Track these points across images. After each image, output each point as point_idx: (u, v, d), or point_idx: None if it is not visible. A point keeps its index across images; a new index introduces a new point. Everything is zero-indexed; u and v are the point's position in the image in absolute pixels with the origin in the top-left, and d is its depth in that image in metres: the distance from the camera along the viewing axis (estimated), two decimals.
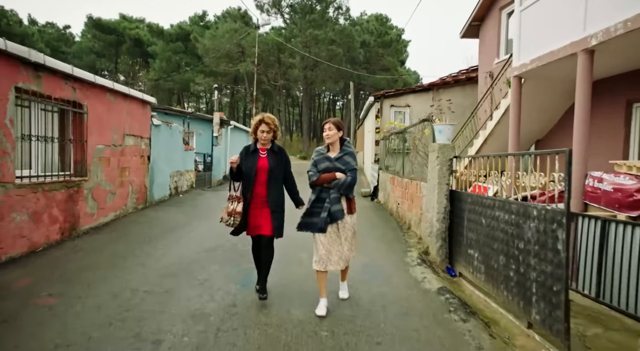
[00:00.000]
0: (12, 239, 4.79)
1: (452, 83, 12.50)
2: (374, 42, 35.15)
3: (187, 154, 12.10)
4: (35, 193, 5.20)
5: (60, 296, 3.86)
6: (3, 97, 4.59)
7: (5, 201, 4.66)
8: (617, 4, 4.75)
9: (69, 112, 6.07)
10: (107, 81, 6.99)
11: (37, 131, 5.34)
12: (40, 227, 5.32)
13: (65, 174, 6.03)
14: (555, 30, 5.92)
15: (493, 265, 4.09)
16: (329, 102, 59.05)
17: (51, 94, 5.46)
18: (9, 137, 4.69)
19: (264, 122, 3.77)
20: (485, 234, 4.32)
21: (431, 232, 5.70)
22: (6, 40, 4.44)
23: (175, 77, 36.32)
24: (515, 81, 6.94)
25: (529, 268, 3.47)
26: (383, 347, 3.08)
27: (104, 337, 3.09)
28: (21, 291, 3.95)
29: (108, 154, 7.10)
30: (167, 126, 10.32)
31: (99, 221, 6.88)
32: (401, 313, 3.76)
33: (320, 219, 3.53)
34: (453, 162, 5.51)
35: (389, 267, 5.31)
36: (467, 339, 3.31)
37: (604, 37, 4.90)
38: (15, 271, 4.47)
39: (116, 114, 7.35)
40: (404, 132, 8.89)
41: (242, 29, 31.21)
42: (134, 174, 8.20)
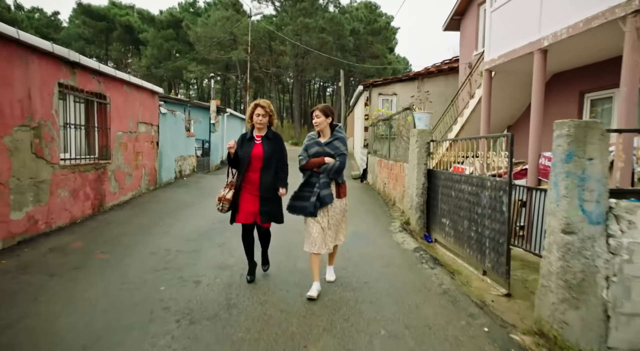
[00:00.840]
0: (59, 211, 5.68)
1: (435, 73, 13.44)
2: (364, 30, 35.82)
3: (188, 140, 12.93)
4: (74, 173, 6.08)
5: (110, 253, 4.81)
6: (50, 91, 5.42)
7: (53, 179, 5.54)
8: (563, 12, 5.71)
9: (94, 103, 6.89)
10: (125, 74, 7.80)
11: (71, 120, 6.18)
12: (78, 202, 6.21)
13: (93, 157, 6.88)
14: (517, 30, 6.88)
15: (459, 229, 5.11)
16: (320, 89, 59.59)
17: (83, 87, 6.28)
18: (55, 126, 5.54)
19: (260, 106, 3.82)
20: (454, 204, 5.33)
21: (411, 206, 6.73)
22: (54, 44, 5.25)
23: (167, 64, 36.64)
24: (486, 74, 7.92)
25: (484, 228, 4.48)
26: (369, 284, 4.09)
27: (156, 279, 4.05)
28: (79, 249, 4.88)
29: (125, 140, 7.94)
30: (172, 114, 11.13)
31: (120, 199, 7.77)
32: (383, 265, 4.78)
33: (310, 204, 3.58)
34: (430, 145, 6.50)
35: (375, 234, 6.33)
36: (432, 279, 4.34)
37: (553, 39, 5.88)
38: (67, 236, 5.39)
39: (131, 104, 8.17)
40: (389, 120, 9.85)
41: (234, 16, 31.62)
42: (146, 158, 9.05)
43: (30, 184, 5.06)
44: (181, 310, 3.35)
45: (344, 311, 3.40)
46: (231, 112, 18.63)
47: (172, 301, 3.49)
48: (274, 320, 3.20)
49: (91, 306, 3.37)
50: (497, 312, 3.53)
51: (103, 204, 7.05)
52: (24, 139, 4.93)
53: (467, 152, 6.79)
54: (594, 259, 2.88)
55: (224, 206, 3.84)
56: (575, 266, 2.90)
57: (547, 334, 3.05)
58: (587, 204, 2.89)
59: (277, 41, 33.65)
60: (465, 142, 5.76)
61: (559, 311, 2.96)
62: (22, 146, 4.91)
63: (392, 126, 9.41)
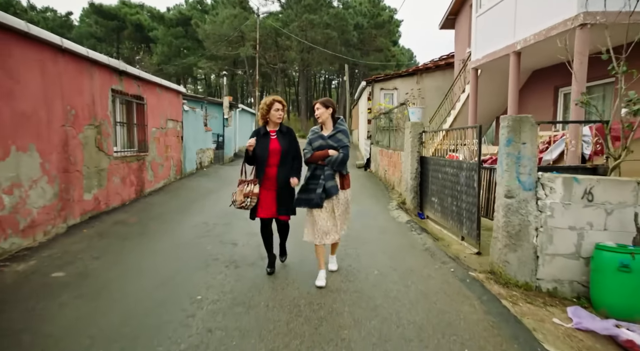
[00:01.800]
0: (113, 194, 6.91)
1: (433, 68, 14.44)
2: (367, 24, 36.65)
3: (207, 134, 14.13)
4: (123, 163, 7.29)
5: (161, 226, 6.02)
6: (105, 96, 6.61)
7: (109, 168, 6.76)
8: (531, 21, 6.75)
9: (134, 104, 8.07)
10: (157, 78, 8.97)
11: (119, 119, 7.38)
12: (126, 187, 7.43)
13: (135, 150, 8.09)
14: (497, 34, 7.93)
15: (445, 205, 6.23)
16: (325, 82, 60.46)
17: (127, 91, 7.47)
18: (109, 124, 6.74)
19: (277, 101, 3.88)
20: (441, 185, 6.45)
21: (407, 188, 7.85)
22: (110, 58, 6.43)
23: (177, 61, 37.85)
24: (473, 72, 8.97)
25: (462, 202, 5.59)
26: (367, 244, 5.25)
27: (202, 242, 5.25)
28: (136, 223, 6.11)
29: (158, 135, 9.14)
30: (193, 111, 12.31)
31: (155, 187, 8.99)
32: (380, 232, 5.94)
33: (316, 195, 3.65)
34: (422, 136, 7.60)
35: (375, 211, 7.48)
36: (418, 241, 5.50)
37: (524, 43, 6.93)
38: (122, 214, 6.63)
39: (162, 103, 9.35)
40: (389, 113, 10.94)
41: (241, 14, 32.66)
42: (173, 151, 10.26)
43: (95, 172, 6.27)
44: (227, 260, 4.54)
45: (347, 261, 4.56)
46: (242, 107, 19.79)
47: (220, 255, 4.69)
48: (295, 262, 4.39)
49: (162, 256, 4.59)
50: (465, 262, 4.68)
51: (143, 190, 8.27)
52: (91, 136, 6.13)
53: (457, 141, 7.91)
54: (527, 216, 4.02)
55: (253, 201, 3.82)
56: (514, 221, 4.04)
57: (495, 271, 4.21)
58: (522, 176, 4.02)
59: (283, 37, 34.65)
60: (453, 131, 6.85)
61: (503, 253, 4.11)
62: (89, 141, 6.11)
63: (392, 119, 10.50)
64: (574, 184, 3.93)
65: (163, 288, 3.71)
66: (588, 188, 3.93)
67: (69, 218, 5.58)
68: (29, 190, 4.73)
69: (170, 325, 2.99)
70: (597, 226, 3.93)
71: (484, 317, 3.27)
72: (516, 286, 3.99)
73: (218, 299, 3.45)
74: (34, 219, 4.81)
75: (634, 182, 3.92)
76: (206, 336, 2.82)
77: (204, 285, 3.78)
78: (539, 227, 4.00)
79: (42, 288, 3.66)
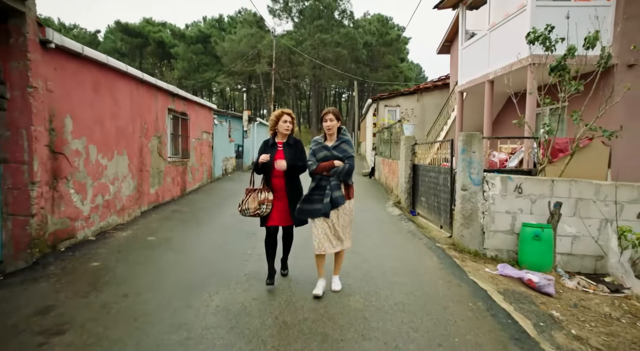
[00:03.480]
0: (167, 191, 8.75)
1: (432, 88, 16.22)
2: (376, 42, 38.78)
3: (230, 145, 16.03)
4: (173, 167, 9.15)
5: (206, 215, 7.81)
6: (163, 113, 8.50)
7: (165, 170, 8.61)
8: (499, 57, 8.50)
9: (179, 119, 9.96)
10: (196, 97, 10.89)
11: (170, 131, 9.26)
12: (174, 186, 9.27)
13: (179, 156, 9.95)
14: (477, 65, 9.69)
15: (429, 202, 7.92)
16: (335, 95, 62.58)
17: (177, 109, 9.36)
18: (166, 136, 8.62)
19: (286, 113, 3.96)
20: (427, 186, 8.14)
21: (402, 190, 9.56)
22: (168, 84, 8.34)
23: (196, 76, 40.31)
24: (459, 95, 10.73)
25: (440, 199, 7.28)
26: (365, 230, 6.94)
27: (241, 224, 6.99)
28: (187, 212, 7.93)
29: (196, 145, 11.02)
30: (221, 124, 14.23)
31: (193, 187, 10.83)
32: (377, 222, 7.65)
33: (324, 205, 3.62)
34: (414, 147, 9.33)
35: (375, 209, 9.19)
36: (405, 227, 7.21)
37: (494, 74, 8.68)
38: (174, 206, 8.46)
39: (199, 118, 11.25)
40: (390, 128, 12.70)
41: (258, 33, 35.03)
42: (206, 158, 12.13)
43: (156, 172, 8.12)
44: (262, 236, 6.30)
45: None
46: (260, 121, 21.74)
47: (257, 232, 6.44)
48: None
49: (214, 232, 6.38)
50: (436, 240, 6.37)
51: (185, 189, 10.11)
52: (155, 144, 7.99)
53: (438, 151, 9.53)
54: (476, 203, 5.72)
55: (268, 208, 3.86)
56: (467, 207, 5.75)
57: (455, 243, 5.91)
58: (472, 175, 5.74)
59: (296, 54, 36.86)
60: (436, 143, 8.56)
61: (460, 230, 5.81)
62: (154, 148, 7.97)
63: (392, 133, 12.27)
64: (508, 181, 5.65)
65: (222, 248, 5.49)
66: (518, 184, 5.65)
67: (141, 206, 7.41)
68: (122, 183, 6.57)
69: (234, 264, 4.76)
70: (525, 211, 5.63)
71: (439, 266, 4.98)
72: (468, 253, 5.69)
73: (260, 253, 5.20)
74: (123, 204, 6.64)
75: (550, 180, 5.63)
76: (259, 269, 4.58)
77: (250, 247, 5.56)
78: (484, 211, 5.71)
79: (144, 245, 5.47)
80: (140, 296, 3.75)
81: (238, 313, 3.42)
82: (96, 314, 3.34)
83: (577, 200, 5.58)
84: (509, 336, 3.21)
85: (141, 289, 3.90)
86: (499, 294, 4.30)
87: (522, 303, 4.11)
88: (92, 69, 5.63)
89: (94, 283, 4.04)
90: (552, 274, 5.22)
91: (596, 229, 5.55)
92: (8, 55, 4.21)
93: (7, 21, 4.17)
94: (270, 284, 4.00)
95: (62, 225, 4.99)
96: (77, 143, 5.27)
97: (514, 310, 3.86)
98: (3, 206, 4.30)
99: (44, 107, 4.52)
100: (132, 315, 3.34)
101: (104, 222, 6.02)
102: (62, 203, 4.98)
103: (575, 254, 5.61)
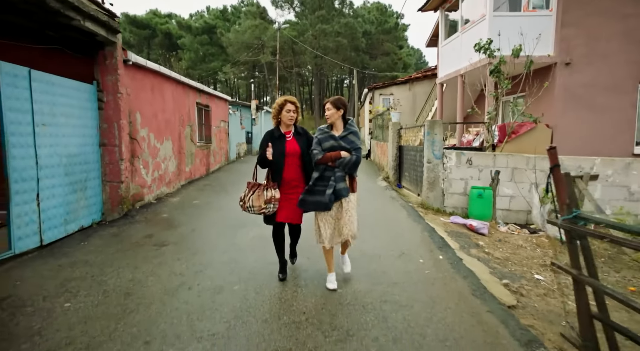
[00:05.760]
0: (196, 170, 10.72)
1: (422, 78, 17.94)
2: (375, 31, 40.22)
3: (241, 132, 17.96)
4: (200, 150, 11.10)
5: (233, 186, 9.79)
6: (193, 107, 10.41)
7: (195, 152, 10.56)
8: (467, 56, 10.28)
9: (203, 110, 11.86)
10: (216, 92, 12.77)
11: (196, 121, 11.18)
12: (201, 166, 11.25)
13: (204, 142, 11.89)
14: (452, 61, 11.47)
15: (410, 175, 9.83)
16: (337, 82, 64.06)
17: (202, 102, 11.27)
18: (195, 124, 10.55)
19: (289, 102, 3.71)
20: (409, 163, 10.05)
21: (390, 167, 11.49)
22: (198, 82, 10.23)
23: (202, 66, 42.04)
24: (439, 86, 12.54)
25: (417, 172, 9.19)
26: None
27: None
28: (216, 186, 9.91)
29: (216, 132, 12.95)
30: (234, 113, 16.13)
31: (215, 168, 12.81)
32: (366, 191, 9.60)
33: (326, 196, 3.49)
34: (400, 131, 11.21)
35: (367, 182, 11.14)
36: (388, 195, 9.17)
37: (465, 70, 10.49)
38: (204, 181, 10.44)
39: (218, 109, 13.15)
40: (382, 115, 14.55)
41: (262, 24, 36.60)
42: (223, 143, 14.07)
43: (189, 154, 10.08)
44: None
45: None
46: (267, 109, 23.61)
47: None
48: None
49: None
50: (412, 205, 8.31)
51: (209, 169, 12.09)
52: (188, 132, 9.93)
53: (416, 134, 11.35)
54: (438, 173, 7.66)
55: (275, 207, 3.68)
56: (431, 176, 7.69)
57: (422, 203, 7.86)
58: (435, 151, 7.66)
59: (298, 44, 38.43)
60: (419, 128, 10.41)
61: (426, 193, 7.76)
62: (187, 135, 9.90)
63: (384, 119, 14.13)
64: (461, 156, 7.57)
65: None
66: (469, 158, 7.56)
67: (181, 180, 9.40)
68: (169, 161, 8.54)
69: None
70: (474, 177, 7.56)
71: (407, 216, 6.94)
72: (432, 210, 7.64)
73: None
74: (169, 178, 8.63)
75: (492, 154, 7.55)
76: None
77: None
78: (444, 178, 7.64)
79: (192, 206, 7.47)
80: (203, 230, 5.76)
81: (268, 238, 5.39)
82: (180, 238, 5.35)
83: (513, 169, 7.50)
84: (437, 246, 5.20)
85: (202, 228, 5.91)
86: (445, 232, 6.26)
87: (459, 237, 6.08)
88: (150, 76, 7.54)
89: (169, 225, 6.05)
90: (491, 223, 7.19)
91: (527, 190, 7.48)
92: (105, 72, 6.12)
93: (104, 48, 6.07)
94: (283, 279, 3.92)
95: (136, 190, 6.98)
96: (143, 132, 7.22)
97: (450, 238, 5.83)
98: (103, 176, 6.28)
99: (126, 107, 6.46)
100: (203, 238, 5.36)
101: (159, 191, 8.01)
102: (136, 174, 6.96)
103: (512, 210, 7.56)
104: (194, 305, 3.37)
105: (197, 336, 2.85)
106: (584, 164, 7.39)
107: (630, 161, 7.37)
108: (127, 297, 3.50)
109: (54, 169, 5.06)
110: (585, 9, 8.78)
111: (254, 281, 3.91)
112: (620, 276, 5.31)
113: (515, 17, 9.14)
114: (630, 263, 5.85)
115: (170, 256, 4.66)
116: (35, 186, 4.70)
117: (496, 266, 4.87)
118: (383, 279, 4.04)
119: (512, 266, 5.08)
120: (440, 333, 2.94)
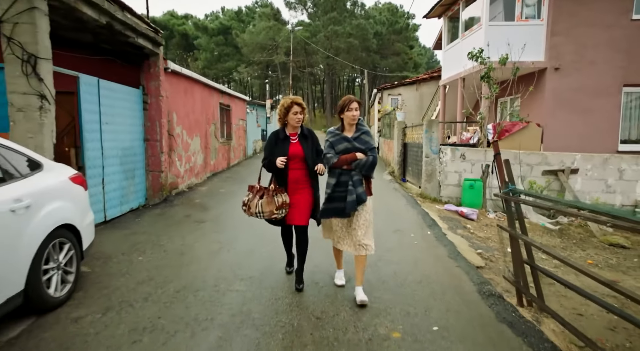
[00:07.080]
0: (219, 164, 11.87)
1: (428, 79, 18.82)
2: (386, 31, 41.06)
3: (257, 129, 19.11)
4: (222, 146, 12.24)
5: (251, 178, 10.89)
6: (217, 107, 11.54)
7: (218, 148, 11.70)
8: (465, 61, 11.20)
9: (224, 110, 12.99)
10: (236, 93, 13.91)
11: (219, 119, 12.32)
12: (223, 161, 12.39)
13: (225, 139, 13.03)
14: (454, 64, 12.39)
15: (413, 170, 10.83)
16: (348, 80, 64.98)
17: (224, 102, 12.41)
18: (218, 123, 11.69)
19: (296, 103, 3.58)
20: (412, 158, 11.04)
21: (395, 163, 12.48)
22: (217, 83, 11.36)
23: (218, 66, 43.44)
24: (442, 88, 13.47)
25: (419, 166, 10.17)
26: None
27: None
28: (237, 177, 11.04)
29: (235, 130, 14.09)
30: (251, 112, 17.27)
31: (235, 163, 13.95)
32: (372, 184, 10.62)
33: (349, 203, 3.32)
34: (405, 129, 12.18)
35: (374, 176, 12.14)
36: (392, 187, 10.19)
37: (465, 73, 11.40)
38: (226, 174, 11.58)
39: (237, 108, 14.28)
40: (389, 114, 15.53)
41: (275, 26, 37.77)
42: (241, 140, 15.21)
43: (213, 150, 11.22)
44: None
45: None
46: None
47: None
48: None
49: None
50: (412, 194, 9.31)
51: (230, 163, 13.23)
52: (212, 130, 11.06)
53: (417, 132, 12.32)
54: (435, 166, 8.65)
55: (286, 211, 3.60)
56: (429, 169, 8.69)
57: (422, 193, 8.87)
58: (432, 147, 8.66)
59: (311, 45, 39.52)
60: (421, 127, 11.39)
61: (424, 185, 8.77)
62: (212, 132, 11.03)
63: (390, 118, 15.11)
64: (456, 151, 8.54)
65: None
66: (463, 153, 8.54)
67: (206, 173, 10.54)
68: (197, 156, 9.68)
69: None
70: (467, 171, 8.53)
71: (406, 204, 7.95)
72: (429, 199, 8.63)
73: None
74: (198, 170, 9.77)
75: (484, 150, 8.50)
76: None
77: None
78: (440, 171, 8.63)
79: (219, 193, 8.59)
80: (230, 213, 6.86)
81: None
82: (214, 217, 6.47)
83: None
84: (428, 225, 6.22)
85: (231, 210, 7.02)
86: (437, 216, 7.25)
87: (449, 220, 7.07)
88: (183, 81, 8.68)
89: (203, 207, 7.18)
90: (481, 210, 8.15)
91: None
92: (149, 78, 7.26)
93: (149, 58, 7.21)
94: (290, 272, 4.04)
95: (172, 179, 8.12)
96: (178, 129, 8.36)
97: (441, 220, 6.83)
98: (147, 166, 7.42)
99: (165, 108, 7.59)
100: (233, 218, 6.46)
101: (189, 181, 9.16)
102: (172, 166, 8.10)
103: None
104: (233, 260, 4.46)
105: (239, 278, 3.94)
106: (566, 160, 8.31)
107: (608, 157, 8.26)
108: (182, 255, 4.61)
109: (113, 160, 6.22)
110: (573, 20, 9.65)
111: (278, 247, 4.97)
112: (585, 254, 6.27)
113: (509, 27, 10.04)
114: (597, 243, 6.79)
115: (208, 229, 5.77)
116: (101, 172, 5.86)
117: (476, 242, 5.87)
118: (380, 246, 5.07)
119: (491, 243, 6.07)
120: (417, 278, 3.99)
